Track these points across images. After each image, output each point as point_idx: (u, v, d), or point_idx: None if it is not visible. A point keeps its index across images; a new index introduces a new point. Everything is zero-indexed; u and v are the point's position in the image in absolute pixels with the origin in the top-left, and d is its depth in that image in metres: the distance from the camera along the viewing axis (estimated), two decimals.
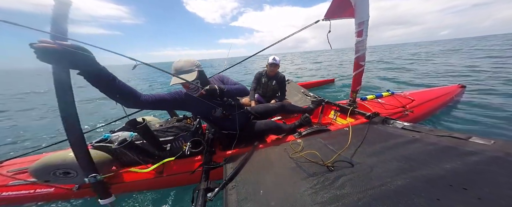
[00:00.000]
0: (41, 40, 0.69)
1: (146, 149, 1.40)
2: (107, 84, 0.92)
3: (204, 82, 1.31)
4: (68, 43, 0.73)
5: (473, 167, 0.93)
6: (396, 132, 1.46)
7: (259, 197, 0.94)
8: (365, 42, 1.95)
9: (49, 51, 0.69)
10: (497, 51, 10.92)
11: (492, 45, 17.24)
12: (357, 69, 2.11)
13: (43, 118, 4.37)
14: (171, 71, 1.24)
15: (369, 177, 0.97)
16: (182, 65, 1.24)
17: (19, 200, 1.37)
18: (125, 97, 1.01)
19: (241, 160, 1.29)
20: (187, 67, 1.24)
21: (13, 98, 7.32)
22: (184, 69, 1.23)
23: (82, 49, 0.76)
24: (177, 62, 1.26)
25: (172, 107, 1.38)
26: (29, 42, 0.67)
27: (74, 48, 0.73)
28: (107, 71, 0.89)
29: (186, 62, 1.26)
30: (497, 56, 8.84)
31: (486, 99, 3.46)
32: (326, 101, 2.40)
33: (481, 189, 0.79)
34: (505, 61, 7.20)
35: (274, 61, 2.43)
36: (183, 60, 1.26)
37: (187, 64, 1.25)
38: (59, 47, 0.70)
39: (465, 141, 1.18)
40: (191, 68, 1.24)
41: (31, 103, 6.12)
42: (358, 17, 1.89)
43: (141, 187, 1.49)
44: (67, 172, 1.24)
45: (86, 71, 0.82)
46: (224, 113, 1.43)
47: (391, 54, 19.28)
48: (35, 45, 0.67)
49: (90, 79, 0.85)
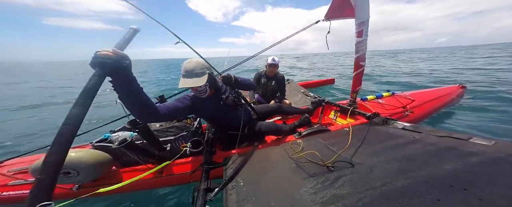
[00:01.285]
0: (102, 50, 0.76)
1: (146, 149, 1.40)
2: (133, 95, 0.91)
3: (212, 82, 1.30)
4: (122, 53, 0.80)
5: (473, 167, 0.93)
6: (397, 133, 1.46)
7: (259, 197, 0.94)
8: (365, 43, 1.95)
9: (107, 57, 0.75)
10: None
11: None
12: (357, 69, 2.11)
13: (43, 117, 4.38)
14: (182, 71, 1.21)
15: (369, 178, 0.97)
16: (193, 66, 1.20)
17: (19, 200, 1.37)
18: (147, 110, 0.99)
19: (241, 160, 1.29)
20: (198, 69, 1.20)
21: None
22: (196, 71, 1.19)
23: (127, 58, 0.81)
24: (188, 63, 1.22)
25: (187, 113, 1.36)
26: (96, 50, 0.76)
27: (123, 57, 0.79)
28: (137, 82, 0.90)
29: (197, 63, 1.21)
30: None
31: (487, 100, 3.46)
32: (326, 101, 2.40)
33: (482, 189, 0.79)
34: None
35: (273, 61, 2.42)
36: (194, 61, 1.22)
37: (198, 66, 1.21)
38: (115, 55, 0.77)
39: (466, 141, 1.18)
40: (202, 71, 1.21)
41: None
42: (358, 17, 1.88)
43: (141, 187, 1.49)
44: (67, 172, 1.24)
45: (120, 79, 0.84)
46: (235, 101, 1.47)
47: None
48: (99, 53, 0.74)
49: (120, 87, 0.85)
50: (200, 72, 1.20)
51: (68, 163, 1.22)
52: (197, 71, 1.19)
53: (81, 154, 1.24)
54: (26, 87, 9.06)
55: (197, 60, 1.23)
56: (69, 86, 9.22)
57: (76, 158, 1.22)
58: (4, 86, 9.35)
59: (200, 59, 1.25)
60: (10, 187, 1.37)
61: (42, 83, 10.33)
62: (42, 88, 8.69)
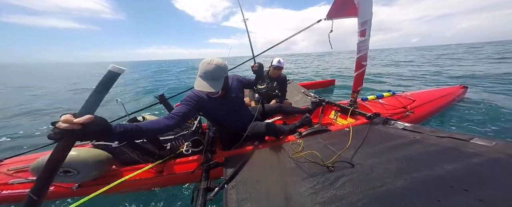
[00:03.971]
0: (62, 119, 0.57)
1: (146, 148, 1.39)
2: (138, 136, 0.90)
3: (226, 84, 1.28)
4: (89, 119, 0.60)
5: (474, 168, 0.93)
6: (397, 133, 1.46)
7: (259, 197, 0.94)
8: (367, 42, 1.94)
9: (68, 132, 0.58)
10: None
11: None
12: (359, 69, 2.10)
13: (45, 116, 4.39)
14: (200, 71, 1.16)
15: (369, 178, 0.97)
16: (213, 70, 1.13)
17: (19, 199, 1.37)
18: (161, 133, 1.04)
19: (242, 159, 1.29)
20: (218, 73, 1.15)
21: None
22: (215, 75, 1.15)
23: (100, 123, 0.66)
24: (208, 64, 1.13)
25: (194, 113, 1.34)
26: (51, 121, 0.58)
27: (93, 124, 0.63)
28: (129, 131, 0.82)
29: (217, 67, 1.14)
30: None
31: (488, 100, 3.45)
32: (327, 101, 2.39)
33: (482, 190, 0.79)
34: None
35: (278, 63, 2.39)
36: (215, 63, 1.14)
37: (218, 70, 1.14)
38: (80, 126, 0.59)
39: (466, 142, 1.17)
40: (221, 74, 1.17)
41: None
42: (361, 16, 1.87)
43: (141, 186, 1.49)
44: (67, 170, 1.24)
45: (111, 138, 0.76)
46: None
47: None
48: (57, 126, 0.57)
49: (119, 140, 0.85)
50: (218, 76, 1.16)
51: (68, 161, 1.22)
52: (216, 75, 1.15)
53: (81, 153, 1.24)
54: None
55: (217, 62, 1.15)
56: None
57: (76, 156, 1.22)
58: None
59: (220, 62, 1.17)
60: (10, 185, 1.37)
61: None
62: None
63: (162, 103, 1.81)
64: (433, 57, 16.44)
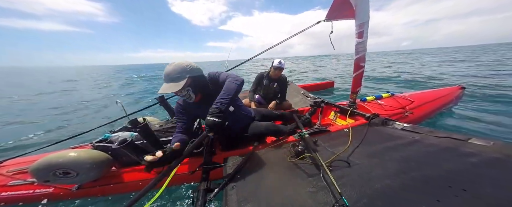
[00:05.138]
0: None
1: (146, 149, 1.40)
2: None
3: (199, 87, 1.21)
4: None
5: (472, 168, 0.94)
6: (396, 133, 1.46)
7: (258, 198, 0.94)
8: (365, 43, 1.96)
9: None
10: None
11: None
12: (357, 70, 2.11)
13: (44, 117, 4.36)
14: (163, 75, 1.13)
15: (368, 178, 0.97)
16: (170, 70, 1.10)
17: (18, 200, 1.37)
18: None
19: (241, 160, 1.29)
20: (176, 73, 1.09)
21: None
22: (172, 76, 1.10)
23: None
24: (167, 66, 1.13)
25: (191, 119, 1.40)
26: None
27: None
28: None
29: (176, 67, 1.10)
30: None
31: (486, 101, 3.47)
32: (326, 102, 2.40)
33: (481, 190, 0.79)
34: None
35: (279, 64, 2.40)
36: (174, 64, 1.12)
37: (176, 70, 1.09)
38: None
39: (465, 142, 1.18)
40: (179, 75, 1.10)
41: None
42: (358, 18, 1.89)
43: (141, 187, 1.48)
44: (67, 172, 1.24)
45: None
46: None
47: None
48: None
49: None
50: (177, 77, 1.10)
51: (67, 163, 1.22)
52: (174, 75, 1.10)
53: (81, 154, 1.25)
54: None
55: (177, 63, 1.13)
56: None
57: (76, 158, 1.22)
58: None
59: (182, 62, 1.13)
60: (10, 187, 1.37)
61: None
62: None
63: (161, 104, 1.81)
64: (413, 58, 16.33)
